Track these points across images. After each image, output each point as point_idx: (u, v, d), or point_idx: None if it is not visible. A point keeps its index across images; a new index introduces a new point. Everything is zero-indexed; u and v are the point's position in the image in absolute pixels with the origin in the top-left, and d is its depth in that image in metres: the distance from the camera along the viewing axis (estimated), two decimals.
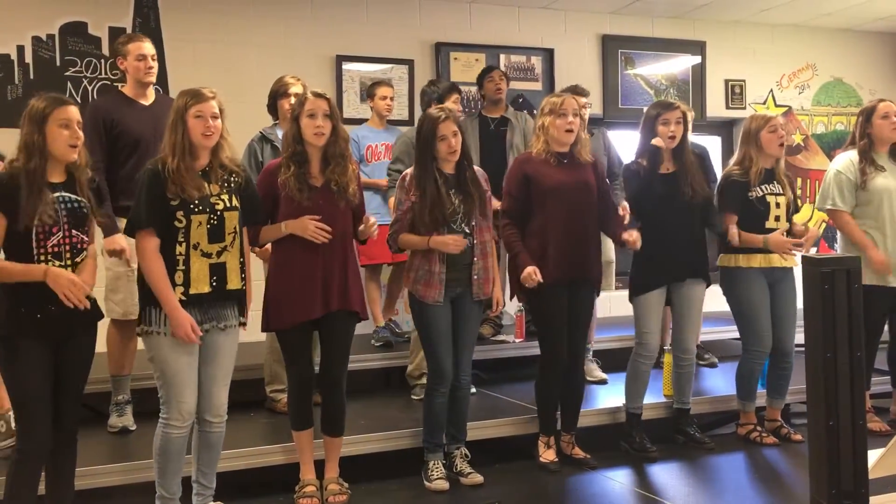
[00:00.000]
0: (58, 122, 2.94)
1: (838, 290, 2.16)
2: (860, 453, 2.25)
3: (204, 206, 3.12)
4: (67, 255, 2.95)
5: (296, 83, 4.33)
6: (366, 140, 5.10)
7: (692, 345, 4.31)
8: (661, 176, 4.15)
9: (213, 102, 3.17)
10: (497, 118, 5.24)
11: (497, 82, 5.22)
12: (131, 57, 4.05)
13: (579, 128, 3.98)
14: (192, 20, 5.53)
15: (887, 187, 4.37)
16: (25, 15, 5.19)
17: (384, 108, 5.15)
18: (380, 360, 4.95)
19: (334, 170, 3.49)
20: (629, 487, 3.89)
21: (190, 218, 3.09)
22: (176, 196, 3.07)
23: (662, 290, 4.19)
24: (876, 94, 7.15)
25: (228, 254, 3.18)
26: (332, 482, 3.63)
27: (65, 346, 3.00)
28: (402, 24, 6.10)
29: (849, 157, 4.47)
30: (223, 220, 3.15)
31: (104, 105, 4.10)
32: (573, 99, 4.01)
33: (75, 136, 2.96)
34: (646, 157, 4.18)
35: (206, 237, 3.12)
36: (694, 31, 6.96)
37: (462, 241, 3.65)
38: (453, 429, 3.89)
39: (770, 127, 4.27)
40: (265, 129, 4.40)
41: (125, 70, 4.10)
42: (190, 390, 3.15)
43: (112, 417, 4.03)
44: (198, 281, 3.12)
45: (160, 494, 3.22)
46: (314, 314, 3.48)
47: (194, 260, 3.11)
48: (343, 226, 3.53)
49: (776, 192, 4.28)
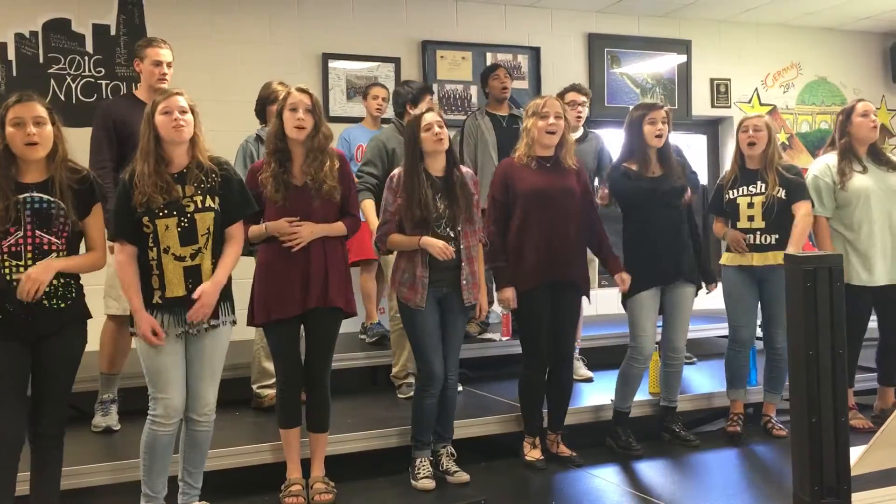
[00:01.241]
0: (10, 121, 2.93)
1: (820, 287, 2.18)
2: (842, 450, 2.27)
3: (171, 209, 3.10)
4: (29, 255, 2.93)
5: (283, 90, 4.31)
6: (356, 140, 5.10)
7: (681, 343, 4.32)
8: (646, 179, 4.17)
9: (178, 98, 3.15)
10: (506, 115, 5.23)
11: (503, 80, 5.21)
12: (147, 61, 4.05)
13: (564, 130, 3.96)
14: (177, 17, 5.50)
15: (866, 188, 4.40)
16: (8, 11, 5.15)
17: (374, 108, 5.15)
18: (366, 359, 4.95)
19: (311, 164, 3.48)
20: (615, 485, 3.91)
21: (155, 223, 3.09)
22: (141, 203, 3.07)
23: (655, 291, 4.20)
24: (860, 94, 7.21)
25: (202, 255, 3.16)
26: (317, 481, 3.62)
27: (40, 348, 2.98)
28: (389, 22, 6.10)
29: (825, 161, 4.53)
30: (194, 221, 3.13)
31: (114, 106, 4.12)
32: (556, 100, 4.00)
33: (28, 135, 2.92)
34: (634, 160, 4.19)
35: (177, 240, 3.11)
36: (679, 30, 6.99)
37: (449, 251, 3.63)
38: (440, 428, 3.89)
39: (742, 127, 4.40)
40: (259, 130, 4.37)
41: (140, 72, 4.09)
42: (174, 388, 3.15)
43: (96, 417, 4.02)
44: (172, 284, 3.12)
45: (145, 493, 3.21)
46: (292, 312, 3.49)
47: (167, 263, 3.11)
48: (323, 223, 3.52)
49: (754, 193, 4.33)
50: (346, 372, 4.63)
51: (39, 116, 2.95)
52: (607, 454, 4.25)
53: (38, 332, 2.97)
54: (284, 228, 3.45)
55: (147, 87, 4.07)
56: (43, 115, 2.97)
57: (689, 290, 4.27)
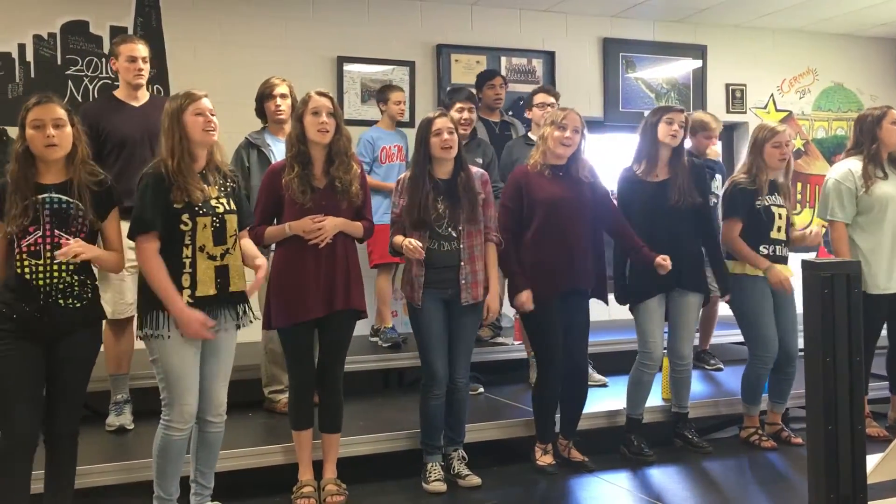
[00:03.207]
0: (31, 123, 2.96)
1: (838, 294, 2.16)
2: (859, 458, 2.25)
3: (207, 208, 3.12)
4: (48, 255, 2.95)
5: (280, 83, 4.33)
6: (380, 141, 5.12)
7: (687, 351, 4.30)
8: (651, 183, 4.15)
9: (206, 101, 3.18)
10: (499, 122, 5.24)
11: (497, 91, 5.27)
12: (122, 58, 4.06)
13: (579, 146, 3.95)
14: (194, 20, 5.54)
15: (887, 194, 4.37)
16: (27, 13, 5.19)
17: (399, 112, 5.19)
18: (378, 361, 4.95)
19: (338, 168, 3.49)
20: (627, 490, 3.89)
21: (195, 220, 3.10)
22: (180, 199, 3.07)
23: (661, 297, 4.18)
24: (877, 100, 7.17)
25: (231, 256, 3.19)
26: (329, 483, 3.63)
27: (57, 345, 3.00)
28: (404, 25, 6.11)
29: (847, 166, 4.47)
30: (225, 222, 3.16)
31: (91, 109, 4.13)
32: (576, 115, 3.97)
33: (48, 137, 2.94)
34: (641, 162, 4.17)
35: (211, 240, 3.13)
36: (695, 35, 6.97)
37: (419, 251, 3.59)
38: (451, 431, 3.89)
39: (774, 142, 4.30)
40: (251, 135, 4.39)
41: (117, 70, 4.11)
42: (192, 393, 3.16)
43: (110, 416, 4.04)
44: (203, 283, 3.12)
45: (158, 495, 3.22)
46: (317, 314, 3.49)
47: (200, 262, 3.12)
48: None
49: (778, 204, 4.32)
50: (357, 374, 4.63)
51: (59, 118, 2.98)
52: (619, 460, 4.24)
53: (54, 332, 2.98)
54: (308, 225, 3.44)
55: (124, 84, 4.08)
56: (62, 116, 2.99)
57: (692, 299, 4.23)
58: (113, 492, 3.59)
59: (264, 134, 4.37)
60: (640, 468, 4.14)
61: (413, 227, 3.70)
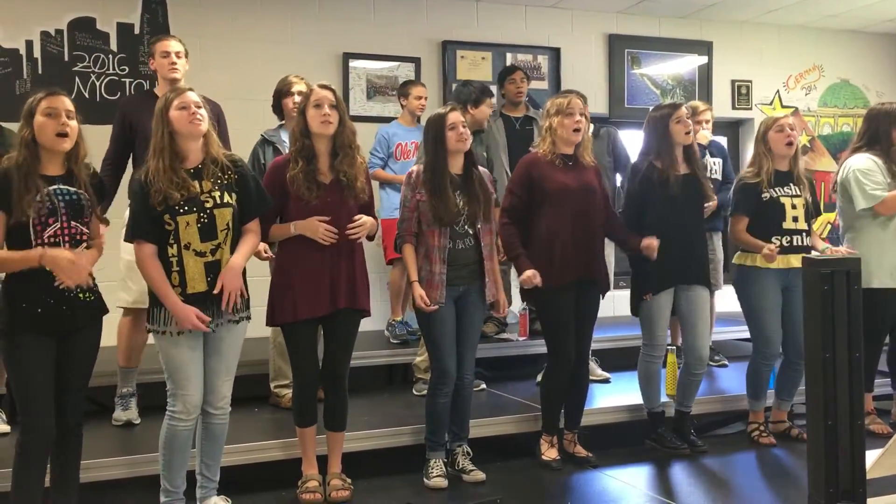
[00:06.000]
0: (43, 111, 2.97)
1: (838, 291, 2.18)
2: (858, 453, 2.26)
3: (191, 205, 3.12)
4: (67, 246, 2.98)
5: (299, 82, 4.34)
6: (396, 138, 5.13)
7: (705, 352, 4.27)
8: (672, 177, 4.08)
9: (191, 93, 3.19)
10: (521, 117, 5.26)
11: (518, 84, 5.27)
12: (157, 55, 4.11)
13: (584, 128, 3.99)
14: (200, 17, 5.56)
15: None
16: (34, 10, 5.23)
17: (419, 107, 5.21)
18: (383, 357, 4.97)
19: (343, 161, 3.49)
20: (631, 486, 3.90)
21: (176, 220, 3.11)
22: (160, 202, 3.09)
23: (669, 292, 4.17)
24: (883, 97, 7.14)
25: (222, 251, 3.18)
26: (334, 477, 3.65)
27: (67, 340, 3.03)
28: (409, 22, 6.12)
29: (866, 156, 4.37)
30: (213, 217, 3.15)
31: (127, 105, 4.19)
32: (578, 99, 4.01)
33: (62, 125, 2.96)
34: (660, 158, 4.13)
35: (196, 236, 3.13)
36: (700, 31, 6.96)
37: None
38: (455, 426, 3.90)
39: (777, 126, 4.24)
40: (267, 132, 4.40)
41: (155, 71, 4.14)
42: (194, 384, 3.18)
43: (116, 411, 4.06)
44: (193, 280, 3.14)
45: (164, 488, 3.25)
46: (321, 311, 3.49)
47: (188, 260, 3.13)
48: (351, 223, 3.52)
49: (792, 195, 4.24)
50: (362, 370, 4.64)
51: (70, 110, 3.02)
52: (624, 455, 4.25)
53: (72, 325, 3.01)
54: (318, 232, 3.42)
55: (161, 81, 4.11)
56: (73, 109, 3.03)
57: (704, 293, 4.21)
58: (120, 486, 3.61)
59: (280, 131, 4.39)
60: (644, 463, 4.15)
61: (435, 224, 3.68)
